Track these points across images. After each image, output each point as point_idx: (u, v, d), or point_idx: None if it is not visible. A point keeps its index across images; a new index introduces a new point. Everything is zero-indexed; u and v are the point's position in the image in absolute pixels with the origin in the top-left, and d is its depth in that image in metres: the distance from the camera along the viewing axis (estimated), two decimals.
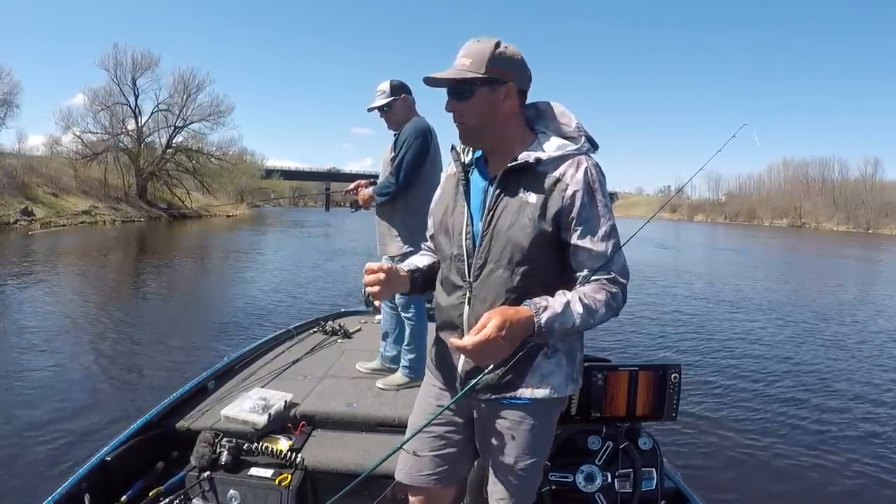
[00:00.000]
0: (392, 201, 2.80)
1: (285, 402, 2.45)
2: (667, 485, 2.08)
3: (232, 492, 2.00)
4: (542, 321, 1.16)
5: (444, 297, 1.40)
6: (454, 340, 1.18)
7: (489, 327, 1.12)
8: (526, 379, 1.32)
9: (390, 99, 2.81)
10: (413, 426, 1.48)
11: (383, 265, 1.35)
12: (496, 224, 1.29)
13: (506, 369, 1.26)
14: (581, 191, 1.25)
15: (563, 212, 1.25)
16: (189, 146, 41.47)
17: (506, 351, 1.14)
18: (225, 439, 2.11)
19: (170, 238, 23.61)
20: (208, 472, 2.02)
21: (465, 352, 1.15)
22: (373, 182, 3.05)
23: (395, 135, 2.84)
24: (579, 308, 1.20)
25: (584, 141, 1.34)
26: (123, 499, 1.97)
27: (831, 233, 56.52)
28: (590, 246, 1.26)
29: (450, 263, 1.38)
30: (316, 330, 3.90)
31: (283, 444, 2.22)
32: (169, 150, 40.63)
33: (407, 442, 1.35)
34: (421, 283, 1.48)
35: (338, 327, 3.85)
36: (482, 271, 1.31)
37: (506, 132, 1.33)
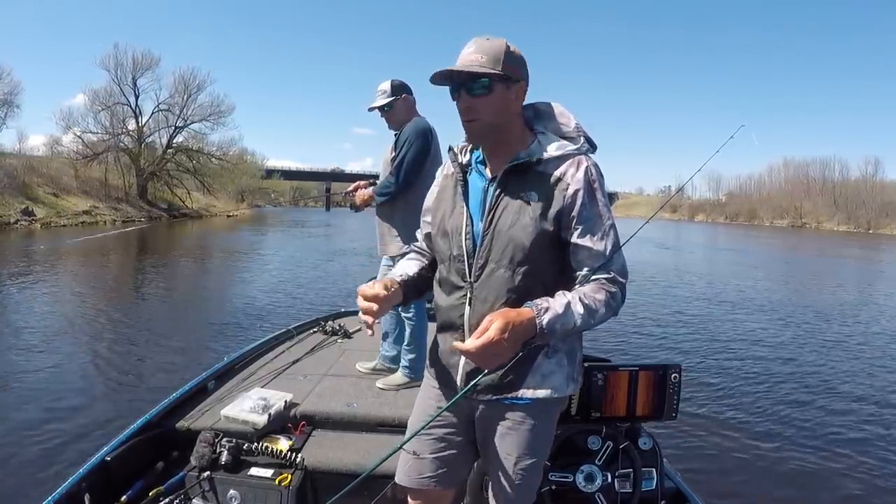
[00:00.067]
0: (392, 201, 2.80)
1: (285, 402, 2.45)
2: (667, 485, 2.08)
3: (232, 492, 2.00)
4: (543, 322, 1.16)
5: (443, 298, 1.39)
6: (457, 344, 1.17)
7: (492, 330, 1.12)
8: (527, 379, 1.32)
9: (391, 99, 2.81)
10: (413, 428, 1.48)
11: (378, 293, 1.28)
12: (497, 224, 1.29)
13: (507, 370, 1.26)
14: (582, 190, 1.26)
15: (564, 211, 1.26)
16: (189, 146, 41.48)
17: (509, 353, 1.14)
18: (225, 439, 2.11)
19: (170, 238, 23.61)
20: (208, 472, 2.02)
21: (469, 355, 1.14)
22: (373, 182, 3.05)
23: (395, 135, 2.85)
24: (580, 308, 1.20)
25: (584, 141, 1.35)
26: (123, 499, 1.97)
27: (832, 233, 56.50)
28: (590, 245, 1.26)
29: (449, 264, 1.37)
30: (316, 330, 3.91)
31: (283, 444, 2.22)
32: (169, 151, 40.65)
33: (407, 442, 1.35)
34: (413, 291, 1.46)
35: (338, 327, 3.85)
36: (483, 271, 1.30)
37: (510, 132, 1.33)
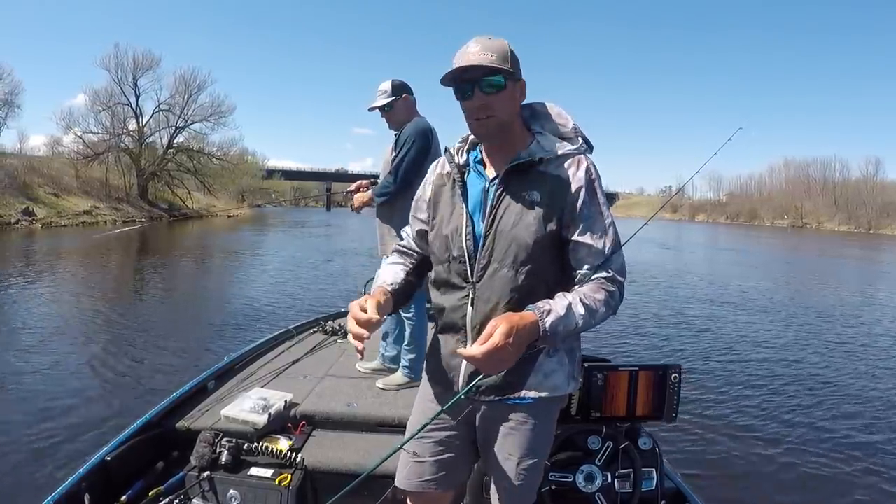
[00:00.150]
0: (392, 201, 2.79)
1: (285, 402, 2.45)
2: (667, 485, 2.08)
3: (232, 492, 2.00)
4: (546, 325, 1.16)
5: (443, 299, 1.38)
6: (463, 350, 1.17)
7: (496, 335, 1.11)
8: (529, 379, 1.33)
9: (391, 99, 2.81)
10: (412, 430, 1.46)
11: (371, 317, 1.23)
12: (499, 224, 1.29)
13: (509, 370, 1.26)
14: (584, 189, 1.27)
15: (566, 210, 1.27)
16: (190, 146, 41.52)
17: (514, 358, 1.15)
18: (225, 439, 2.11)
19: (171, 238, 23.62)
20: (208, 472, 2.02)
21: (474, 361, 1.14)
22: (374, 182, 3.05)
23: (395, 135, 2.85)
24: (581, 309, 1.21)
25: (582, 141, 1.35)
26: (123, 499, 1.97)
27: (832, 233, 56.46)
28: (590, 242, 1.27)
29: (448, 265, 1.36)
30: (316, 330, 3.91)
31: (283, 444, 2.22)
32: (170, 151, 40.68)
33: (406, 443, 1.36)
34: (403, 298, 1.44)
35: (338, 327, 3.85)
36: (486, 271, 1.30)
37: (513, 131, 1.33)
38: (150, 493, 1.99)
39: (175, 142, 41.06)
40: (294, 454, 2.12)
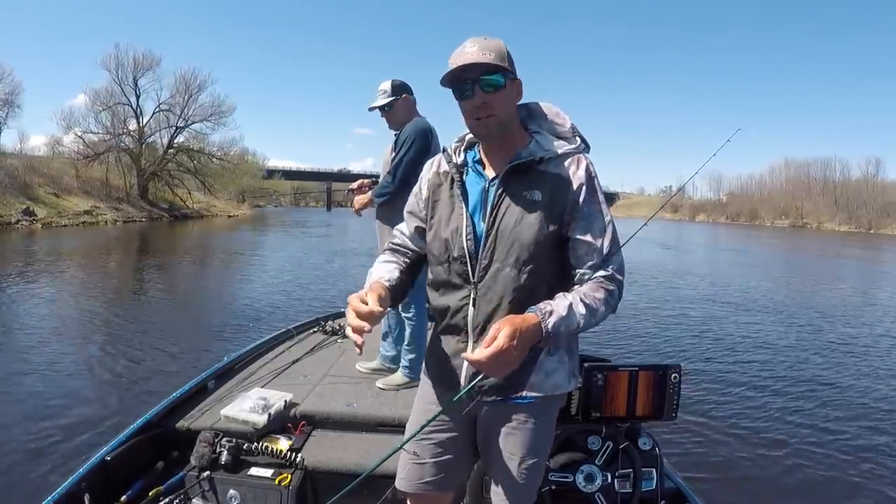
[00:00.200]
0: (391, 202, 2.79)
1: (285, 401, 2.45)
2: (667, 485, 2.08)
3: (232, 492, 2.00)
4: (549, 326, 1.17)
5: (444, 300, 1.38)
6: (467, 354, 1.16)
7: (501, 338, 1.11)
8: (531, 378, 1.33)
9: (391, 99, 2.81)
10: (412, 433, 1.45)
11: (374, 310, 1.20)
12: (501, 223, 1.29)
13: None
14: (584, 187, 1.28)
15: (566, 208, 1.27)
16: (190, 146, 41.57)
17: (518, 360, 1.15)
18: (225, 439, 2.11)
19: (171, 238, 23.63)
20: (208, 472, 2.02)
21: (479, 365, 1.13)
22: (375, 181, 3.05)
23: (395, 135, 2.84)
24: (582, 309, 1.21)
25: (580, 141, 1.36)
26: (123, 498, 1.97)
27: (833, 233, 56.43)
28: (590, 240, 1.27)
29: (448, 266, 1.35)
30: (316, 330, 3.91)
31: (283, 444, 2.22)
32: (170, 151, 40.72)
33: (407, 443, 1.36)
34: (400, 295, 1.42)
35: (338, 327, 3.85)
36: (488, 271, 1.30)
37: (512, 130, 1.34)
38: (150, 493, 1.99)
39: (175, 142, 41.14)
40: (294, 454, 2.12)
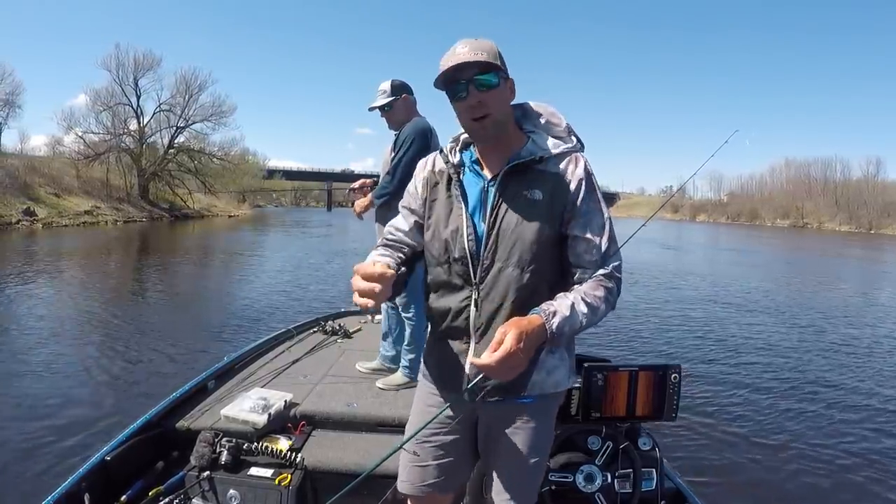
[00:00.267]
0: (391, 201, 2.79)
1: (285, 401, 2.45)
2: (667, 485, 2.08)
3: (232, 492, 2.00)
4: (553, 327, 1.17)
5: (443, 302, 1.36)
6: (475, 359, 1.14)
7: (508, 341, 1.10)
8: (533, 376, 1.33)
9: (391, 99, 2.81)
10: (413, 438, 1.43)
11: (385, 272, 1.17)
12: (502, 223, 1.28)
13: None
14: (584, 185, 1.29)
15: (567, 207, 1.28)
16: (191, 146, 41.55)
17: (525, 363, 1.14)
18: (225, 439, 2.11)
19: (172, 238, 23.64)
20: (208, 472, 2.02)
21: (488, 369, 1.12)
22: (376, 182, 3.05)
23: (395, 135, 2.84)
24: (584, 308, 1.22)
25: (576, 140, 1.36)
26: (123, 498, 1.97)
27: (833, 233, 56.39)
28: (589, 237, 1.28)
29: (448, 267, 1.34)
30: (316, 330, 3.91)
31: (283, 443, 2.22)
32: (171, 151, 40.71)
33: (406, 442, 1.36)
34: (401, 287, 1.36)
35: (338, 327, 3.85)
36: (490, 272, 1.29)
37: (508, 130, 1.33)
38: (150, 493, 1.99)
39: (176, 142, 41.11)
40: (294, 454, 2.13)
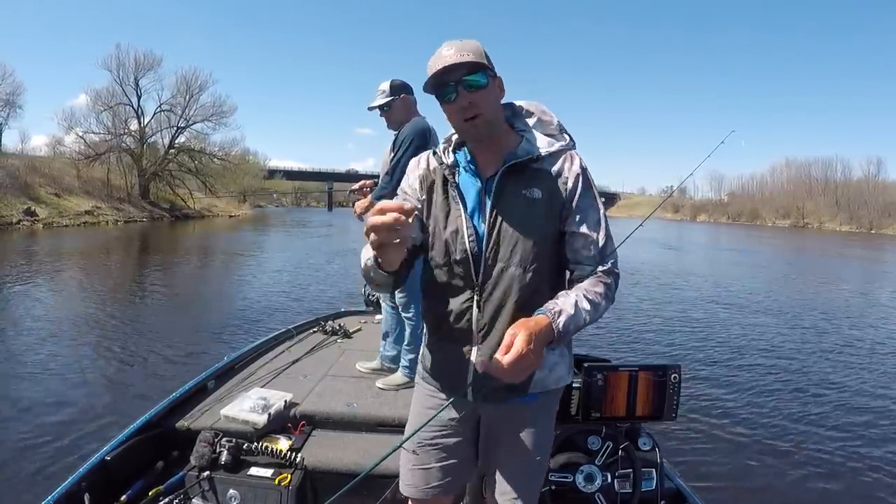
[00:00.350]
0: None
1: (285, 401, 2.45)
2: (667, 485, 2.08)
3: (232, 491, 2.00)
4: (560, 326, 1.17)
5: (445, 303, 1.35)
6: (485, 361, 1.12)
7: (518, 343, 1.08)
8: (536, 374, 1.32)
9: (390, 98, 2.81)
10: (413, 441, 1.44)
11: (405, 205, 0.98)
12: (502, 223, 1.28)
13: None
14: (580, 182, 1.30)
15: (565, 204, 1.29)
16: (192, 146, 41.59)
17: (537, 363, 1.12)
18: (225, 439, 2.11)
19: (172, 238, 23.64)
20: (208, 472, 2.02)
21: (500, 372, 1.09)
22: (377, 183, 3.04)
23: (394, 135, 2.84)
24: (586, 305, 1.22)
25: (569, 139, 1.36)
26: (123, 498, 1.97)
27: (834, 233, 56.37)
28: (587, 233, 1.29)
29: (449, 269, 1.33)
30: (316, 330, 3.91)
31: (282, 443, 2.22)
32: (171, 151, 40.73)
33: (406, 441, 1.36)
34: (406, 270, 1.30)
35: (338, 327, 3.86)
36: (492, 272, 1.29)
37: (499, 129, 1.33)
38: (150, 493, 1.99)
39: (176, 142, 41.13)
40: (294, 454, 2.13)
